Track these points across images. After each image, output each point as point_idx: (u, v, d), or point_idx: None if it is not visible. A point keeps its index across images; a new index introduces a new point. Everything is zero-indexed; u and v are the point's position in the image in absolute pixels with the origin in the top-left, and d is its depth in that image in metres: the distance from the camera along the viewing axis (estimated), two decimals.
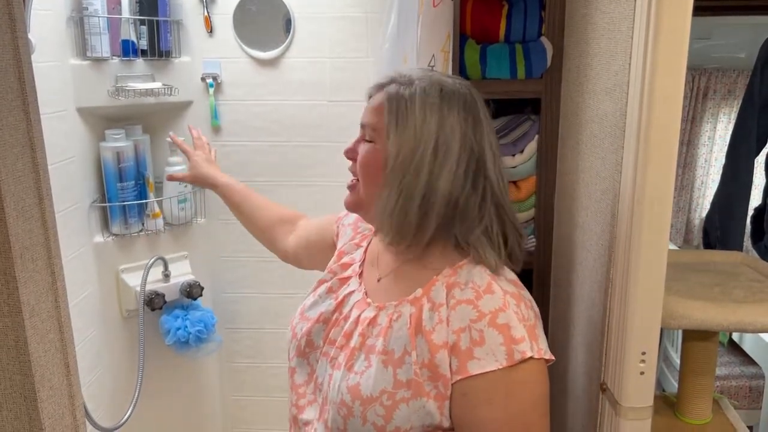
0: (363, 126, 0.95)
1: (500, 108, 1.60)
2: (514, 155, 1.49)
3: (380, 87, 0.94)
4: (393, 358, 0.89)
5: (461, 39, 1.43)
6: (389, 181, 0.90)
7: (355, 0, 1.84)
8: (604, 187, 1.09)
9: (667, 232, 0.93)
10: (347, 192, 0.99)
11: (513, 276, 0.94)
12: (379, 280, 1.00)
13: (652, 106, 0.88)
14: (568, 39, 1.38)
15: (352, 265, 1.07)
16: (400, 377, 0.87)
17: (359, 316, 0.96)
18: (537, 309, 0.92)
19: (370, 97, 0.96)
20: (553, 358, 0.89)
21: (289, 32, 1.87)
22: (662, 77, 0.87)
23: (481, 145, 0.90)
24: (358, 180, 0.96)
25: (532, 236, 1.52)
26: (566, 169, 1.39)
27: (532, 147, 1.48)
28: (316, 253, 1.25)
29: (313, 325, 1.02)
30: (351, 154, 0.97)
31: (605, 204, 1.08)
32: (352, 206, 0.99)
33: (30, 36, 1.33)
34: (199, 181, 1.46)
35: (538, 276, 1.52)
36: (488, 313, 0.85)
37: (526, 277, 1.60)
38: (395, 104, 0.90)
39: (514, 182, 1.51)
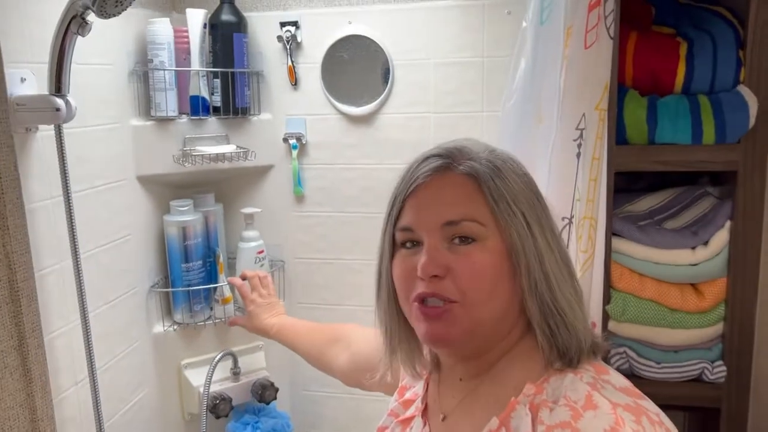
0: (448, 224, 0.72)
1: (664, 177, 1.20)
2: (694, 248, 1.08)
3: (439, 170, 0.74)
4: None
5: (618, 90, 1.05)
6: (513, 283, 0.72)
7: (468, 42, 1.50)
8: None
9: None
10: (428, 323, 0.73)
11: (624, 382, 0.70)
12: (443, 419, 0.79)
13: None
14: None
15: (414, 401, 0.87)
16: None
17: None
18: (672, 427, 0.67)
19: (411, 187, 0.75)
20: None
21: (387, 83, 1.55)
22: None
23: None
24: (454, 302, 0.71)
25: (720, 362, 1.08)
26: None
27: (721, 238, 1.06)
28: (382, 381, 1.00)
29: None
30: (443, 270, 0.71)
31: None
32: (458, 339, 0.73)
33: (69, 98, 1.07)
34: (254, 332, 1.47)
35: (730, 420, 1.08)
36: None
37: (710, 418, 1.18)
38: (492, 183, 0.71)
39: (694, 285, 1.09)
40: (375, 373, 0.89)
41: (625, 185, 1.24)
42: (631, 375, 1.15)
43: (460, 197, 0.72)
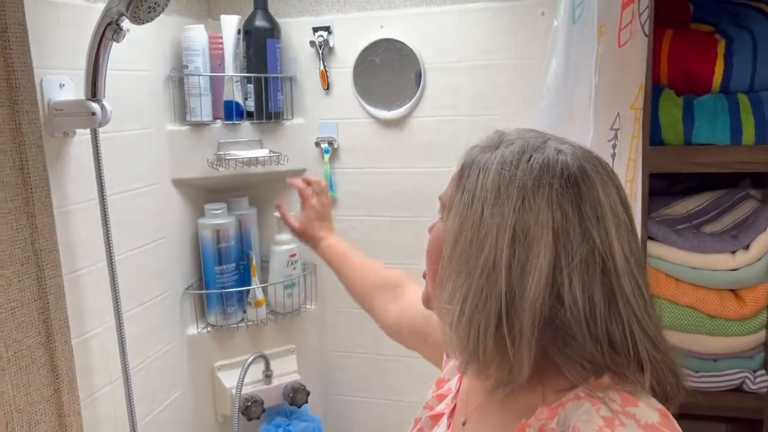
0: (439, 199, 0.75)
1: (703, 180, 1.16)
2: (734, 252, 1.04)
3: (465, 153, 0.73)
4: None
5: (653, 89, 1.02)
6: (447, 276, 0.66)
7: (501, 44, 1.48)
8: None
9: None
10: None
11: (652, 416, 0.59)
12: (464, 424, 0.76)
13: None
14: None
15: (447, 397, 0.84)
16: None
17: None
18: None
19: None
20: None
21: (419, 86, 1.54)
22: None
23: (604, 243, 0.61)
24: None
25: (762, 372, 1.04)
26: None
27: (762, 242, 1.02)
28: (423, 346, 1.03)
29: None
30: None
31: None
32: (423, 301, 0.79)
33: (105, 102, 1.10)
34: (301, 237, 1.33)
35: None
36: None
37: (752, 429, 1.13)
38: (466, 173, 0.67)
39: (734, 291, 1.05)
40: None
41: (662, 188, 1.21)
42: None
43: (452, 179, 0.74)
